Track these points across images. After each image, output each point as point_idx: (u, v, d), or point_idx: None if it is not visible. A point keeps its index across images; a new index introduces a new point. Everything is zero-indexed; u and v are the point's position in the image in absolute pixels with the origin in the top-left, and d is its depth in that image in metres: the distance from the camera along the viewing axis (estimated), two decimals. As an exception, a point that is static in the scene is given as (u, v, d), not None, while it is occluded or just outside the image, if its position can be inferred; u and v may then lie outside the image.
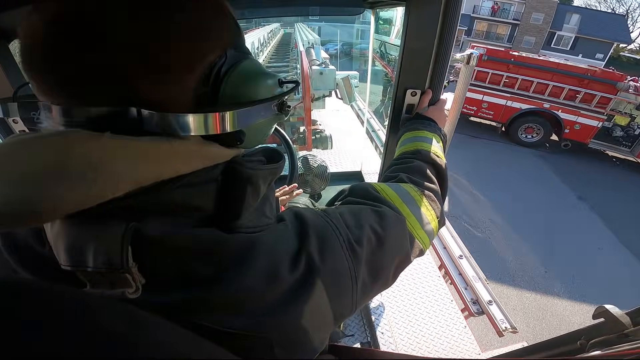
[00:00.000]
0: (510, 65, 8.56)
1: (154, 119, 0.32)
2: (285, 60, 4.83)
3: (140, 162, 0.30)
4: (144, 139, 0.31)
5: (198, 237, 0.35)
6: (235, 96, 0.38)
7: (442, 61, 0.90)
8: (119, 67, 0.30)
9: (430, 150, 0.78)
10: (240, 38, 0.42)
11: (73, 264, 0.31)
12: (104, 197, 0.28)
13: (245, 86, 0.38)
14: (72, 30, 0.29)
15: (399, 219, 0.55)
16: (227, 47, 0.38)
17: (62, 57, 0.30)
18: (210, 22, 0.36)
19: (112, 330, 0.22)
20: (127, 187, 0.29)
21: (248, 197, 0.39)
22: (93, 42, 0.30)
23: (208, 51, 0.35)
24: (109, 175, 0.28)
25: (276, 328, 0.36)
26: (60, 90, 0.32)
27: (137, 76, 0.31)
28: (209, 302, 0.33)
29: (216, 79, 0.36)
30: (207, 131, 0.35)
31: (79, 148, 0.28)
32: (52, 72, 0.31)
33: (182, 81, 0.34)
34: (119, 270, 0.30)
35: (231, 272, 0.35)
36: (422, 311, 1.82)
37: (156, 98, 0.33)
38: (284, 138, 1.01)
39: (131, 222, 0.31)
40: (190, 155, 0.35)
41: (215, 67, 0.36)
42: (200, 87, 0.36)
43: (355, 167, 2.75)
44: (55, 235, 0.31)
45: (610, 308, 0.51)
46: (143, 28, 0.31)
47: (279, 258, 0.38)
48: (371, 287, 0.47)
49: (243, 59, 0.39)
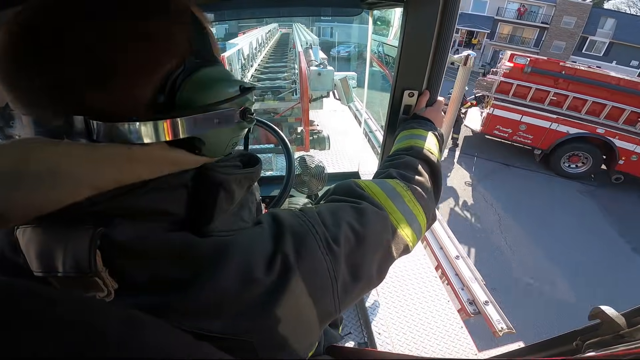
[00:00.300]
0: (559, 80, 6.96)
1: (103, 128, 0.32)
2: (283, 60, 4.83)
3: (99, 167, 0.31)
4: (102, 145, 0.32)
5: (168, 240, 0.35)
6: (190, 103, 0.37)
7: (439, 62, 0.90)
8: (70, 77, 0.31)
9: (424, 147, 0.77)
10: (205, 44, 0.41)
11: (44, 269, 0.31)
12: (63, 201, 0.29)
13: (200, 94, 0.38)
14: (25, 43, 0.31)
15: (380, 215, 0.54)
16: (187, 55, 0.37)
17: (18, 69, 0.32)
18: (166, 32, 0.36)
19: (109, 331, 0.22)
20: (86, 192, 0.30)
21: (221, 201, 0.39)
22: (44, 53, 0.31)
23: (164, 61, 0.35)
24: (67, 180, 0.29)
25: (256, 330, 0.36)
26: (22, 101, 0.33)
27: (88, 86, 0.32)
28: (183, 305, 0.33)
29: (172, 87, 0.36)
30: (159, 138, 0.35)
31: (37, 154, 0.28)
32: (12, 83, 0.32)
33: (136, 91, 0.34)
34: (87, 274, 0.30)
35: (204, 275, 0.35)
36: (418, 311, 1.83)
37: (110, 107, 0.33)
38: (281, 138, 1.01)
39: (99, 227, 0.31)
40: (152, 161, 0.35)
41: (172, 75, 0.36)
42: (157, 96, 0.36)
43: (353, 168, 2.75)
44: (26, 242, 0.32)
45: (606, 309, 0.51)
46: (92, 39, 0.31)
47: (254, 260, 0.38)
48: (353, 285, 0.46)
49: (203, 67, 0.38)
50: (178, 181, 0.37)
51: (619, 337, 0.48)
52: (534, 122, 7.47)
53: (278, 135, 1.02)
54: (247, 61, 3.98)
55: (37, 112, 0.33)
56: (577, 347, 0.55)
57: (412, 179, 0.67)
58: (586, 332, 0.55)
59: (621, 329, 0.49)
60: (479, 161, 8.42)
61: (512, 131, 7.81)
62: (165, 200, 0.36)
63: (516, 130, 7.76)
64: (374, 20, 1.88)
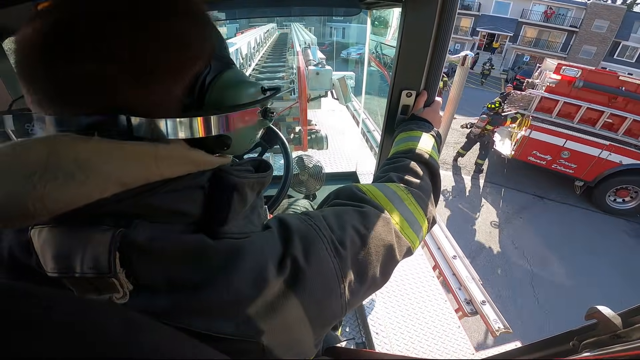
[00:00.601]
0: (616, 97, 5.49)
1: (142, 124, 0.33)
2: (281, 60, 4.83)
3: (127, 164, 0.31)
4: (131, 142, 0.32)
5: (184, 242, 0.35)
6: (220, 103, 0.39)
7: (437, 62, 0.90)
8: (107, 77, 0.32)
9: (423, 149, 0.78)
10: (223, 48, 0.44)
11: (60, 270, 0.31)
12: (91, 197, 0.29)
13: (229, 93, 0.40)
14: (60, 42, 0.31)
15: (383, 218, 0.55)
16: (211, 57, 0.40)
17: (51, 68, 0.31)
18: (194, 33, 0.37)
19: (110, 333, 0.22)
20: (114, 188, 0.30)
21: (234, 204, 0.40)
22: (81, 53, 0.31)
23: (193, 62, 0.37)
24: (97, 176, 0.29)
25: (267, 332, 0.37)
26: (50, 101, 0.33)
27: (125, 86, 0.32)
28: (196, 307, 0.34)
29: (201, 87, 0.38)
30: (193, 134, 0.36)
31: (68, 150, 0.29)
32: (42, 83, 0.32)
33: (169, 90, 0.35)
34: (106, 275, 0.30)
35: (218, 277, 0.35)
36: (416, 311, 1.83)
37: (144, 106, 0.34)
38: (279, 138, 1.00)
39: (119, 228, 0.32)
40: (174, 160, 0.35)
41: (201, 76, 0.38)
42: (187, 95, 0.37)
43: (351, 168, 2.75)
44: (42, 243, 0.31)
45: (602, 309, 0.51)
46: (127, 38, 0.32)
47: (265, 262, 0.39)
48: (359, 287, 0.47)
49: (226, 69, 0.41)
50: (196, 182, 0.38)
51: (615, 337, 0.48)
52: (580, 148, 6.03)
53: (276, 135, 1.01)
54: (245, 61, 3.98)
55: (70, 109, 0.33)
56: (574, 347, 0.55)
57: (412, 182, 0.68)
58: (583, 332, 0.55)
59: (617, 328, 0.49)
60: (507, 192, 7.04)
61: (552, 158, 6.37)
62: (183, 201, 0.37)
63: (557, 157, 6.32)
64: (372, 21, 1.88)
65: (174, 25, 0.35)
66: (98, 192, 0.29)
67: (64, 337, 0.20)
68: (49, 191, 0.27)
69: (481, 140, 7.04)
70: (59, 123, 0.33)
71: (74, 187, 0.28)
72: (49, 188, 0.27)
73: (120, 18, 0.32)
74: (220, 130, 0.39)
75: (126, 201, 0.32)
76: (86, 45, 0.31)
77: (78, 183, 0.28)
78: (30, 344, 0.19)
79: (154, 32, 0.33)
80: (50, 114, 0.33)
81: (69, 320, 0.22)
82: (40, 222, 0.31)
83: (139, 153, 0.32)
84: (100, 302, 0.30)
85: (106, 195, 0.30)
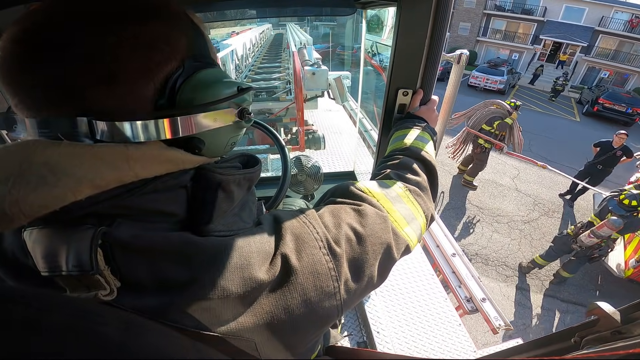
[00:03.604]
0: None
1: (104, 128, 0.34)
2: (277, 60, 4.82)
3: (98, 166, 0.32)
4: (100, 145, 0.33)
5: (169, 240, 0.35)
6: (190, 104, 0.39)
7: (433, 61, 0.90)
8: (71, 81, 0.32)
9: (420, 147, 0.78)
10: (203, 47, 0.43)
11: (50, 269, 0.32)
12: (65, 199, 0.30)
13: (199, 94, 0.39)
14: (27, 47, 0.32)
15: (380, 216, 0.54)
16: (185, 57, 0.39)
17: (22, 72, 0.33)
18: (165, 34, 0.37)
19: (110, 334, 0.23)
20: (87, 190, 0.31)
21: (220, 202, 0.40)
22: (46, 57, 0.32)
23: (163, 63, 0.37)
24: (68, 179, 0.30)
25: (258, 331, 0.37)
26: (24, 104, 0.34)
27: (90, 88, 0.33)
28: (184, 305, 0.34)
29: (172, 88, 0.38)
30: (159, 136, 0.36)
31: (39, 155, 0.30)
32: (16, 87, 0.34)
33: (137, 92, 0.35)
34: (89, 272, 0.31)
35: (203, 275, 0.35)
36: (416, 309, 1.83)
37: (112, 108, 0.34)
38: (276, 138, 1.00)
39: (101, 227, 0.32)
40: (149, 160, 0.35)
41: (172, 77, 0.37)
42: (160, 97, 0.37)
43: (348, 167, 2.75)
44: (33, 243, 0.32)
45: (602, 305, 0.51)
46: (94, 43, 0.32)
47: (254, 260, 0.39)
48: (355, 287, 0.46)
49: (202, 68, 0.40)
50: (177, 182, 0.38)
51: (616, 332, 0.48)
52: None
53: (273, 135, 1.01)
54: (241, 61, 3.97)
55: (41, 114, 0.34)
56: (576, 344, 0.55)
57: (409, 179, 0.67)
58: (584, 328, 0.55)
59: (618, 324, 0.49)
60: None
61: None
62: (165, 201, 0.37)
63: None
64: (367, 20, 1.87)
65: (140, 28, 0.35)
66: (71, 194, 0.30)
67: (64, 338, 0.21)
68: (24, 195, 0.28)
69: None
70: (39, 126, 0.34)
71: (46, 190, 0.29)
72: (23, 192, 0.28)
73: (85, 22, 0.33)
74: (189, 132, 0.38)
75: (105, 202, 0.33)
76: (51, 49, 0.32)
77: (50, 186, 0.29)
78: (30, 345, 0.19)
79: (119, 36, 0.33)
80: (28, 117, 0.34)
81: (69, 321, 0.22)
82: (31, 224, 0.32)
83: (109, 155, 0.32)
84: (98, 305, 0.30)
85: (80, 198, 0.30)
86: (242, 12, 1.52)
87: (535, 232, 5.63)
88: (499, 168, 6.64)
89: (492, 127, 5.62)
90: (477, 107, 5.87)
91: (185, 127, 0.38)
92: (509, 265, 4.89)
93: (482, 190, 6.67)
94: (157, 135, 0.36)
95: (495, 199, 6.47)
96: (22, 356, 0.19)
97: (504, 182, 7.07)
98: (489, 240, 5.30)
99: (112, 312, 0.27)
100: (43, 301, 0.23)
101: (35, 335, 0.20)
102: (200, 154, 0.41)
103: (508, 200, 6.45)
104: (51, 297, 0.25)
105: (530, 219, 5.94)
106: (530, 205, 6.35)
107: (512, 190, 6.83)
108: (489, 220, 5.80)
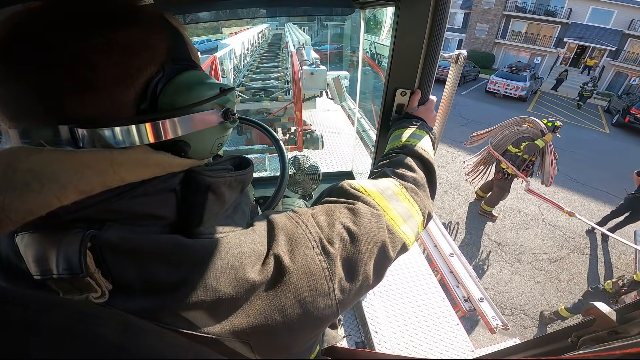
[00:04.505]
0: None
1: (86, 134, 0.34)
2: (275, 60, 4.81)
3: (82, 172, 0.31)
4: (84, 150, 0.33)
5: (159, 242, 0.35)
6: (171, 107, 0.39)
7: (431, 61, 0.90)
8: (50, 89, 0.32)
9: (417, 145, 0.78)
10: (183, 50, 0.43)
11: (41, 273, 0.32)
12: (51, 205, 0.30)
13: (180, 97, 0.39)
14: (3, 57, 0.32)
15: (375, 214, 0.54)
16: (165, 61, 0.39)
17: (1, 83, 0.33)
18: (142, 40, 0.37)
19: (108, 335, 0.23)
20: (73, 196, 0.31)
21: (210, 204, 0.40)
22: (23, 67, 0.32)
23: (142, 68, 0.36)
24: (53, 185, 0.30)
25: (253, 332, 0.36)
26: (6, 114, 0.34)
27: (69, 96, 0.33)
28: (175, 306, 0.34)
29: (153, 92, 0.38)
30: (142, 141, 0.36)
31: (22, 161, 0.30)
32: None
33: (117, 98, 0.35)
34: (79, 275, 0.31)
35: (194, 276, 0.35)
36: (414, 309, 1.83)
37: (93, 114, 0.34)
38: (274, 139, 1.00)
39: (89, 230, 0.32)
40: (134, 164, 0.35)
41: (153, 81, 0.37)
42: (140, 101, 0.37)
43: (347, 167, 2.75)
44: (24, 248, 0.33)
45: (599, 305, 0.52)
46: (70, 51, 0.32)
47: (246, 261, 0.38)
48: (350, 286, 0.46)
49: (182, 71, 0.40)
50: (166, 185, 0.38)
51: (613, 332, 0.48)
52: None
53: (271, 135, 1.01)
54: (239, 61, 3.96)
55: (23, 123, 0.34)
56: (573, 344, 0.55)
57: (406, 176, 0.67)
58: (580, 328, 0.56)
59: (614, 324, 0.49)
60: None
61: None
62: (155, 204, 0.37)
63: None
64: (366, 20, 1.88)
65: (117, 35, 0.35)
66: (56, 199, 0.30)
67: (62, 339, 0.21)
68: (9, 202, 0.28)
69: None
70: (22, 135, 0.34)
71: (31, 196, 0.29)
72: (9, 198, 0.28)
73: (61, 31, 0.33)
74: (172, 134, 0.38)
75: (94, 207, 0.33)
76: (27, 60, 0.32)
77: (34, 192, 0.29)
78: (29, 346, 0.19)
79: (95, 43, 0.33)
80: (11, 127, 0.34)
81: (67, 322, 0.22)
82: (23, 229, 0.33)
83: (92, 160, 0.32)
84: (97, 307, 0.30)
85: (66, 203, 0.30)
86: (240, 13, 1.52)
87: (562, 273, 4.85)
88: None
89: (519, 150, 4.66)
90: (505, 125, 4.93)
91: (168, 130, 0.37)
92: (528, 313, 4.18)
93: (503, 220, 5.69)
94: (140, 140, 0.36)
95: (517, 232, 5.50)
96: (21, 356, 0.19)
97: (529, 211, 6.02)
98: (507, 284, 4.54)
99: (111, 314, 0.27)
100: (41, 303, 0.23)
101: (34, 336, 0.20)
102: (187, 156, 0.41)
103: (533, 234, 5.50)
104: (49, 300, 0.25)
105: (557, 258, 5.11)
106: (559, 240, 5.45)
107: (538, 221, 5.81)
108: (510, 259, 4.97)
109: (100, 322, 0.24)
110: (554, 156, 4.53)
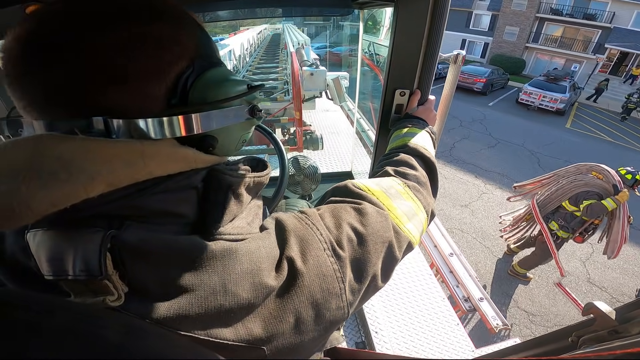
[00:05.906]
0: None
1: (119, 125, 0.33)
2: (275, 61, 4.81)
3: (112, 162, 0.30)
4: (116, 140, 0.32)
5: (177, 244, 0.34)
6: (202, 102, 0.39)
7: (430, 61, 0.90)
8: (83, 82, 0.32)
9: (418, 144, 0.78)
10: (209, 47, 0.43)
11: (55, 273, 0.31)
12: (77, 197, 0.28)
13: (211, 93, 0.40)
14: (37, 48, 0.31)
15: (381, 214, 0.53)
16: (195, 56, 0.39)
17: (30, 75, 0.32)
18: (173, 34, 0.37)
19: (108, 336, 0.23)
20: (100, 188, 0.30)
21: (230, 204, 0.40)
22: (58, 58, 0.31)
23: (172, 62, 0.37)
24: (82, 175, 0.28)
25: (267, 337, 0.36)
26: (34, 106, 0.33)
27: (104, 87, 0.33)
28: (193, 312, 0.33)
29: (184, 87, 0.38)
30: (174, 133, 0.36)
31: (51, 148, 0.28)
32: (24, 89, 0.33)
33: (149, 92, 0.35)
34: (97, 277, 0.30)
35: (213, 280, 0.34)
36: (415, 309, 1.84)
37: (125, 106, 0.34)
38: (274, 139, 1.00)
39: (110, 230, 0.31)
40: (163, 158, 0.35)
41: (183, 76, 0.38)
42: (172, 95, 0.37)
43: (346, 168, 2.75)
44: (37, 246, 0.31)
45: (599, 304, 0.52)
46: (107, 43, 0.32)
47: (263, 265, 0.38)
48: (359, 287, 0.46)
49: (211, 67, 0.40)
50: (189, 182, 0.38)
51: (613, 332, 0.48)
52: None
53: (271, 136, 1.01)
54: (238, 61, 3.96)
55: (53, 115, 0.33)
56: (573, 343, 0.55)
57: (408, 175, 0.67)
58: (580, 328, 0.56)
59: (614, 324, 0.49)
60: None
61: None
62: (176, 202, 0.37)
63: None
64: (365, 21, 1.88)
65: (150, 29, 0.35)
66: (83, 191, 0.28)
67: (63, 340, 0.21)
68: (33, 191, 0.26)
69: None
70: (45, 127, 0.33)
71: (57, 186, 0.27)
72: (33, 187, 0.26)
73: (97, 22, 0.32)
74: (202, 128, 0.38)
75: (116, 202, 0.32)
76: (61, 51, 0.31)
77: (61, 182, 0.27)
78: (29, 346, 0.19)
79: (130, 36, 0.33)
80: (37, 119, 0.33)
81: (69, 324, 0.22)
82: (35, 226, 0.31)
83: (124, 151, 0.32)
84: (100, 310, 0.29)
85: (92, 195, 0.29)
86: (238, 13, 1.52)
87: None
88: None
89: (577, 209, 3.51)
90: (563, 173, 3.75)
91: (200, 124, 0.38)
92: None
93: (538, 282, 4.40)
94: (171, 132, 0.36)
95: (555, 300, 4.16)
96: (21, 356, 0.19)
97: (571, 268, 4.69)
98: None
99: (114, 316, 0.26)
100: (43, 304, 0.23)
101: (35, 337, 0.20)
102: (213, 152, 0.41)
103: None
104: (51, 301, 0.24)
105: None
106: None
107: (583, 282, 4.54)
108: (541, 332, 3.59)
109: (103, 324, 0.24)
110: (628, 220, 3.32)
